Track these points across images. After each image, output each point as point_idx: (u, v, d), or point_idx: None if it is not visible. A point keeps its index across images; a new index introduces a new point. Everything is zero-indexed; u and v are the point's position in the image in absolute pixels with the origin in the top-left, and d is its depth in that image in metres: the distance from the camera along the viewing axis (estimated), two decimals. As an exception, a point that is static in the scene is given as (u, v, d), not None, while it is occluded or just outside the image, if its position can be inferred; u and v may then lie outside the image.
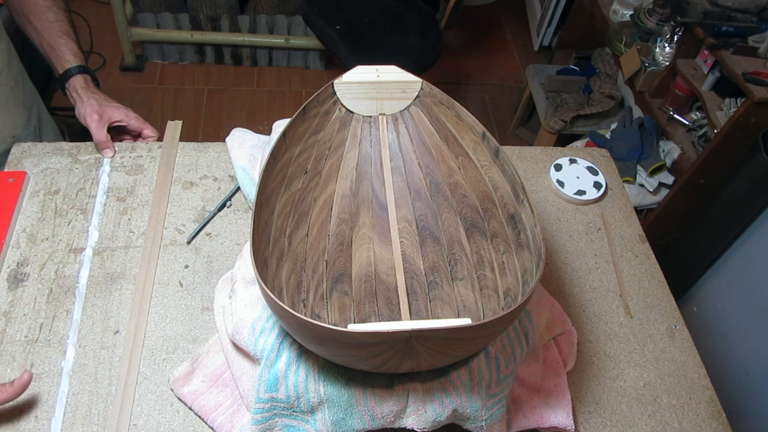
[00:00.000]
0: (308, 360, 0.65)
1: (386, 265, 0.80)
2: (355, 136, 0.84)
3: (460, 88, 2.71)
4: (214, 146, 1.02)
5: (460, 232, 0.80)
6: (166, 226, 0.90)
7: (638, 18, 1.94)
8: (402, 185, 0.85)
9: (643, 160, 1.80)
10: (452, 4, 1.95)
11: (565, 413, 0.74)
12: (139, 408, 0.72)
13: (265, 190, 0.69)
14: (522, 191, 0.68)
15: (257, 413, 0.65)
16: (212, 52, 2.57)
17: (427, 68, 1.87)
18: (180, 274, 0.85)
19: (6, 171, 0.92)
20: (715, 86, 1.64)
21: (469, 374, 0.64)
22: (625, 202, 1.04)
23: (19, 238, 0.86)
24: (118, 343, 0.77)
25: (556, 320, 0.82)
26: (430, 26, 1.97)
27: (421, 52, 1.90)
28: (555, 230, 0.98)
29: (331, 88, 0.81)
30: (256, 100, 2.51)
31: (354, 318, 0.74)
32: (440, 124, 0.82)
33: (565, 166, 1.06)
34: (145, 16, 2.43)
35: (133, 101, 2.40)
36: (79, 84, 0.97)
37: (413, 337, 0.50)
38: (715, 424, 0.79)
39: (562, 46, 2.61)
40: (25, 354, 0.74)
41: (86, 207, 0.90)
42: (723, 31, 1.57)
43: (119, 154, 0.98)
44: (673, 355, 0.85)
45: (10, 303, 0.79)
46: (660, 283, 0.93)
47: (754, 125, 1.45)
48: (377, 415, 0.63)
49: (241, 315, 0.69)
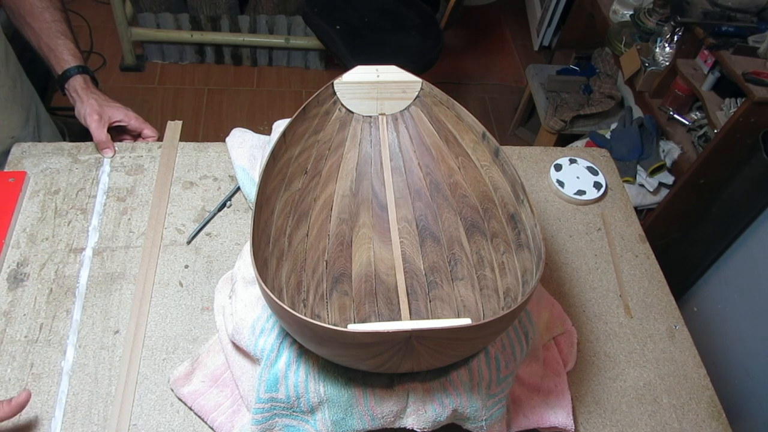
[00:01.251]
0: (308, 360, 0.65)
1: (386, 265, 0.80)
2: (355, 136, 0.84)
3: (460, 88, 2.71)
4: (214, 146, 1.02)
5: (460, 232, 0.80)
6: (166, 226, 0.90)
7: (638, 18, 1.94)
8: (402, 185, 0.85)
9: (643, 160, 1.80)
10: (452, 4, 1.95)
11: (565, 413, 0.74)
12: (139, 408, 0.72)
13: (265, 190, 0.69)
14: (522, 191, 0.68)
15: (257, 413, 0.65)
16: (212, 52, 2.57)
17: (427, 68, 1.87)
18: (180, 274, 0.85)
19: (6, 171, 0.92)
20: (715, 86, 1.64)
21: (469, 374, 0.64)
22: (625, 202, 1.04)
23: (19, 238, 0.86)
24: (118, 343, 0.77)
25: (556, 320, 0.82)
26: (430, 26, 1.97)
27: (421, 52, 1.90)
28: (555, 230, 0.98)
29: (331, 88, 0.81)
30: (256, 100, 2.51)
31: (354, 318, 0.74)
32: (440, 124, 0.82)
33: (565, 166, 1.06)
34: (145, 16, 2.43)
35: (133, 101, 2.40)
36: (79, 84, 0.97)
37: (413, 337, 0.50)
38: (715, 424, 0.79)
39: (562, 46, 2.61)
40: (25, 354, 0.74)
41: (86, 207, 0.90)
42: (723, 31, 1.57)
43: (119, 154, 0.98)
44: (673, 355, 0.85)
45: (10, 303, 0.79)
46: (660, 283, 0.93)
47: (754, 125, 1.45)
48: (377, 415, 0.63)
49: (241, 315, 0.69)
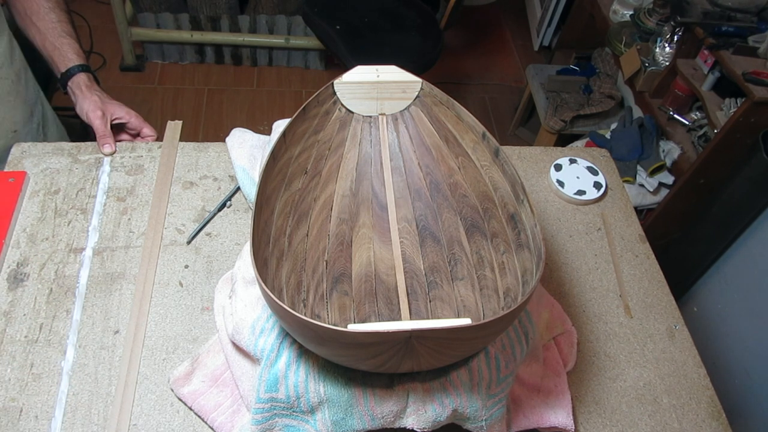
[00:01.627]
0: (308, 360, 0.65)
1: (386, 265, 0.80)
2: (355, 136, 0.84)
3: (460, 88, 2.71)
4: (214, 146, 1.02)
5: (460, 232, 0.80)
6: (166, 226, 0.90)
7: (638, 18, 1.95)
8: (402, 185, 0.85)
9: (643, 160, 1.80)
10: (452, 4, 1.95)
11: (565, 413, 0.74)
12: (139, 408, 0.72)
13: (265, 190, 0.69)
14: (522, 191, 0.68)
15: (257, 413, 0.65)
16: (212, 52, 2.58)
17: (427, 68, 1.87)
18: (180, 274, 0.85)
19: (6, 171, 0.92)
20: (715, 86, 1.64)
21: (469, 374, 0.64)
22: (625, 202, 1.04)
23: (19, 238, 0.86)
24: (118, 343, 0.77)
25: (556, 320, 0.82)
26: (430, 26, 1.97)
27: (421, 52, 1.90)
28: (555, 230, 0.98)
29: (331, 88, 0.81)
30: (256, 100, 2.51)
31: (354, 318, 0.74)
32: (440, 124, 0.82)
33: (565, 166, 1.06)
34: (145, 16, 2.43)
35: (133, 101, 2.40)
36: (83, 81, 0.98)
37: (413, 337, 0.50)
38: (715, 424, 0.79)
39: (562, 46, 2.61)
40: (25, 354, 0.74)
41: (86, 207, 0.90)
42: (723, 31, 1.58)
43: (119, 154, 0.98)
44: (673, 355, 0.85)
45: (10, 303, 0.79)
46: (660, 283, 0.93)
47: (754, 125, 1.45)
48: (377, 415, 0.63)
49: (241, 315, 0.69)
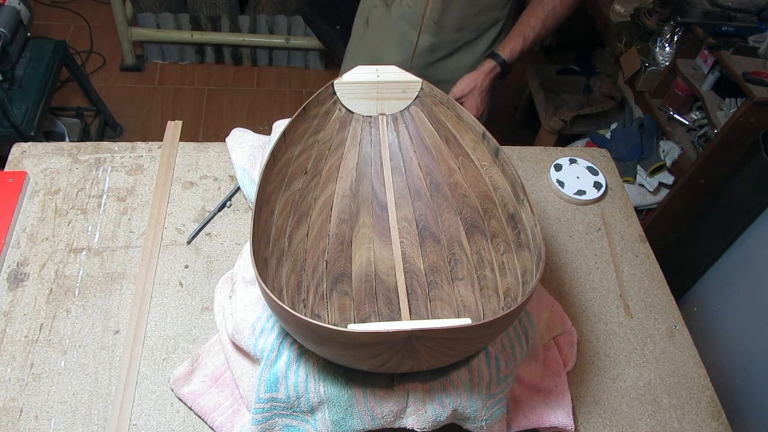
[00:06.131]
0: (308, 360, 0.65)
1: (386, 265, 0.80)
2: (355, 136, 0.84)
3: (460, 88, 2.71)
4: (214, 146, 1.02)
5: (460, 232, 0.80)
6: (166, 226, 0.90)
7: (638, 18, 1.94)
8: (402, 185, 0.85)
9: (643, 160, 1.80)
10: (452, 4, 1.95)
11: (565, 413, 0.74)
12: (139, 408, 0.72)
13: (265, 190, 0.69)
14: (522, 191, 0.68)
15: (257, 413, 0.65)
16: (212, 52, 2.57)
17: (427, 68, 1.87)
18: (180, 274, 0.85)
19: (6, 171, 0.92)
20: (715, 86, 1.64)
21: (469, 374, 0.64)
22: (625, 202, 1.04)
23: (19, 238, 0.85)
24: (118, 343, 0.77)
25: (556, 320, 0.82)
26: (430, 26, 1.96)
27: (421, 52, 1.89)
28: (555, 230, 0.98)
29: (331, 88, 0.81)
30: (256, 100, 2.51)
31: (354, 318, 0.74)
32: (440, 124, 0.82)
33: (565, 166, 1.06)
34: (145, 16, 2.43)
35: (133, 101, 2.41)
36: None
37: (413, 337, 0.50)
38: (715, 424, 0.79)
39: (562, 46, 2.61)
40: (25, 354, 0.74)
41: (86, 207, 0.90)
42: (723, 31, 1.58)
43: (119, 154, 0.98)
44: (673, 355, 0.85)
45: (10, 303, 0.79)
46: (660, 283, 0.93)
47: (754, 125, 1.45)
48: (377, 415, 0.63)
49: (241, 315, 0.69)
